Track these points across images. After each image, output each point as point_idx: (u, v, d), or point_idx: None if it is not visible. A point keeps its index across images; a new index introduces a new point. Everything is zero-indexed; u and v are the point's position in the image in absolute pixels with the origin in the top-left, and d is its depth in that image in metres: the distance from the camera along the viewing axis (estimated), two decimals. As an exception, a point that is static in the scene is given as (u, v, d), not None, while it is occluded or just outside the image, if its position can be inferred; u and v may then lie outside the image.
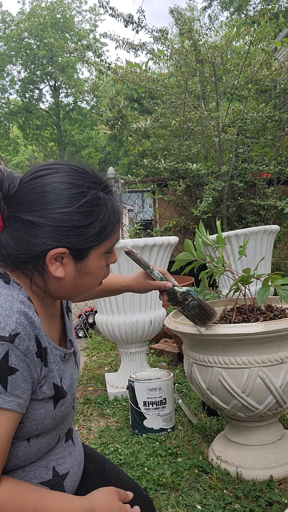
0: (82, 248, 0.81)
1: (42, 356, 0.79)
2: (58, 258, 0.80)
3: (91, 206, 0.80)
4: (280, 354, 1.49)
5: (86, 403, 2.46)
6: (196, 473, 1.66)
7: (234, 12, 18.00)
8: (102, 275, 0.89)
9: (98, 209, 0.81)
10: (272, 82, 4.74)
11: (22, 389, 0.74)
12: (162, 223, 5.13)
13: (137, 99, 13.37)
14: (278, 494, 1.50)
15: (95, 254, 0.83)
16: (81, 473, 0.97)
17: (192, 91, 4.98)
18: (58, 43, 5.40)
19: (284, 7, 11.14)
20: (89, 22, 25.37)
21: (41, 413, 0.80)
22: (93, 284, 0.88)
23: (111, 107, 4.86)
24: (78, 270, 0.83)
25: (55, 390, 0.83)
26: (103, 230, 0.82)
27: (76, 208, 0.78)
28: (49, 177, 0.79)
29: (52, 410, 0.83)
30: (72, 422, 0.98)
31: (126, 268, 2.35)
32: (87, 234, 0.80)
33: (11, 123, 24.13)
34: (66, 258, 0.81)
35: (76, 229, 0.79)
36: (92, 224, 0.80)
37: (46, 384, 0.81)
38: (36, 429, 0.80)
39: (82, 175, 0.82)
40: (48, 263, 0.79)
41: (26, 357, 0.75)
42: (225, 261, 1.68)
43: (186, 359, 1.72)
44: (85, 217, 0.79)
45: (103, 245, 0.84)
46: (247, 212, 4.59)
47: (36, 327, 0.77)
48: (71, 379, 0.91)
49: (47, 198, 0.78)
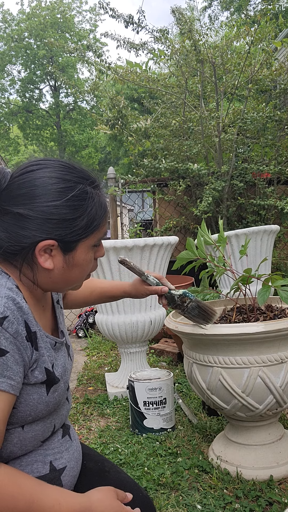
0: (70, 241, 0.84)
1: (32, 340, 0.81)
2: (47, 250, 0.83)
3: (79, 200, 0.84)
4: (280, 354, 1.49)
5: (86, 403, 2.46)
6: (196, 473, 1.66)
7: (234, 12, 18.00)
8: (90, 268, 0.92)
9: (86, 203, 0.85)
10: (272, 82, 4.74)
11: (13, 371, 0.76)
12: (162, 223, 5.13)
13: (137, 99, 13.36)
14: (278, 494, 1.50)
15: (83, 246, 0.87)
16: (79, 469, 0.97)
17: (192, 91, 4.98)
18: (58, 43, 5.40)
19: (284, 7, 11.14)
20: (89, 22, 25.36)
21: (34, 398, 0.82)
22: (81, 276, 0.91)
23: (111, 107, 4.86)
24: (67, 262, 0.86)
25: (47, 375, 0.85)
26: (90, 223, 0.86)
27: (64, 202, 0.82)
28: (39, 172, 0.83)
29: (45, 396, 0.84)
30: (68, 416, 0.99)
31: (126, 268, 2.35)
32: (75, 227, 0.84)
33: (11, 123, 24.12)
34: (55, 250, 0.84)
35: (64, 222, 0.82)
36: (80, 217, 0.84)
37: (37, 369, 0.83)
38: (30, 414, 0.82)
39: (70, 171, 0.85)
40: (38, 255, 0.83)
41: (16, 340, 0.77)
42: (226, 261, 1.68)
43: (186, 359, 1.72)
44: (72, 210, 0.83)
45: (90, 238, 0.87)
46: (247, 212, 4.59)
47: (24, 312, 0.79)
48: (63, 368, 0.92)
49: (36, 192, 0.81)
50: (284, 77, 4.60)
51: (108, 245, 2.31)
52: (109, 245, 2.30)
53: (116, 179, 4.98)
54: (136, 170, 4.88)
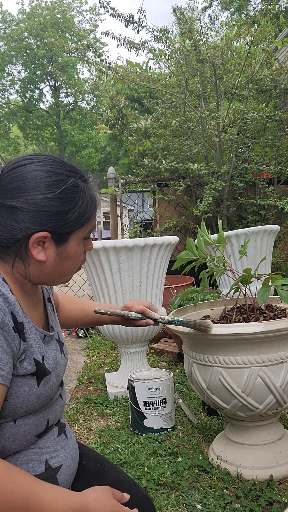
0: (63, 232, 0.87)
1: (19, 331, 0.82)
2: (40, 242, 0.85)
3: (71, 192, 0.86)
4: (280, 354, 1.49)
5: (86, 403, 2.46)
6: (196, 473, 1.66)
7: (234, 12, 18.01)
8: (81, 260, 0.95)
9: (77, 195, 0.87)
10: (273, 82, 4.74)
11: (2, 361, 0.77)
12: (162, 223, 5.13)
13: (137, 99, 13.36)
14: (278, 494, 1.50)
15: (74, 239, 0.89)
16: (76, 467, 0.97)
17: (192, 90, 4.98)
18: (58, 43, 5.40)
19: (285, 7, 11.14)
20: (89, 22, 25.37)
21: (24, 390, 0.82)
22: (72, 268, 0.93)
23: (111, 106, 4.86)
24: (59, 254, 0.88)
25: (36, 366, 0.85)
26: (82, 216, 0.88)
27: (57, 194, 0.84)
28: (31, 166, 0.85)
29: (36, 388, 0.84)
30: (62, 413, 0.99)
31: (126, 268, 2.36)
32: (67, 219, 0.86)
33: (11, 123, 24.12)
34: (48, 242, 0.86)
35: (57, 214, 0.85)
36: (72, 209, 0.86)
37: (26, 360, 0.83)
38: (21, 407, 0.82)
39: (61, 165, 0.88)
40: (31, 247, 0.84)
41: (2, 330, 0.77)
42: (225, 261, 1.68)
43: (186, 358, 1.72)
44: (65, 203, 0.85)
45: (82, 230, 0.90)
46: (247, 212, 4.58)
47: (10, 303, 0.80)
48: (55, 361, 0.93)
49: (29, 185, 0.83)
50: (284, 77, 4.60)
51: (108, 245, 2.31)
52: (109, 245, 2.30)
53: (116, 179, 4.98)
54: (136, 170, 4.88)
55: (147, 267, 2.40)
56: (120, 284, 2.39)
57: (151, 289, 2.48)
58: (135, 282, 2.39)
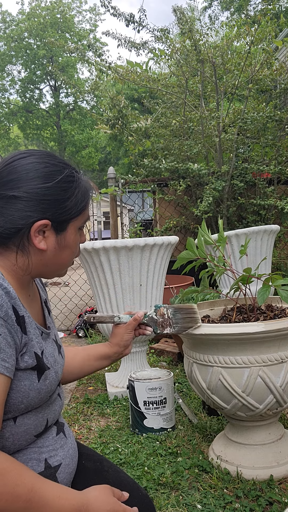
0: (62, 220, 0.90)
1: (20, 324, 0.83)
2: (40, 231, 0.88)
3: (68, 182, 0.90)
4: (280, 354, 1.49)
5: (86, 403, 2.46)
6: (196, 473, 1.66)
7: (234, 12, 18.01)
8: (78, 250, 0.99)
9: (73, 185, 0.92)
10: (273, 82, 4.74)
11: (6, 353, 0.77)
12: (162, 223, 5.13)
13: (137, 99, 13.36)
14: (278, 494, 1.50)
15: (72, 227, 0.93)
16: (75, 466, 0.97)
17: (192, 90, 4.98)
18: (58, 43, 5.40)
19: (285, 7, 11.14)
20: (89, 22, 25.38)
21: (25, 384, 0.83)
22: (70, 258, 0.96)
23: (112, 106, 4.86)
24: (58, 243, 0.91)
25: (36, 360, 0.86)
26: (78, 204, 0.93)
27: (55, 184, 0.88)
28: (28, 159, 0.89)
29: (37, 383, 0.85)
30: (61, 413, 0.99)
31: (126, 268, 2.36)
32: (66, 207, 0.90)
33: (12, 123, 24.13)
34: (48, 231, 0.89)
35: (56, 202, 0.88)
36: (70, 198, 0.90)
37: (27, 353, 0.84)
38: (22, 402, 0.82)
39: (55, 157, 0.93)
40: (33, 236, 0.87)
41: (6, 323, 0.78)
42: (226, 261, 1.68)
43: (186, 358, 1.72)
44: (63, 191, 0.89)
45: (78, 218, 0.94)
46: (247, 212, 4.58)
47: (11, 297, 0.81)
48: (53, 358, 0.94)
49: (29, 175, 0.87)
50: (284, 77, 4.60)
51: (108, 245, 2.31)
52: (109, 245, 2.30)
53: (116, 179, 4.98)
54: (136, 170, 4.88)
55: (147, 267, 2.40)
56: (120, 284, 2.39)
57: (151, 289, 2.48)
58: (135, 282, 2.39)
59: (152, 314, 1.26)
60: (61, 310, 5.28)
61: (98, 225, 5.05)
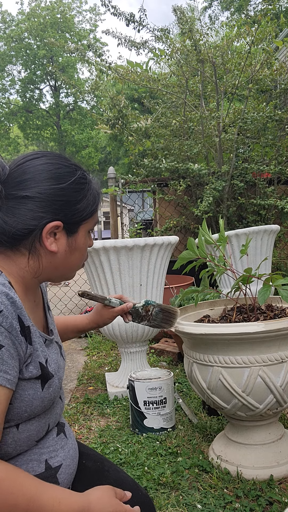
0: (74, 222, 0.90)
1: (26, 335, 0.82)
2: (52, 233, 0.88)
3: (80, 184, 0.90)
4: (280, 354, 1.48)
5: (86, 403, 2.46)
6: (197, 473, 1.66)
7: (235, 13, 18.01)
8: (86, 254, 0.98)
9: (86, 187, 0.92)
10: (273, 82, 4.74)
11: (9, 365, 0.76)
12: (162, 223, 5.12)
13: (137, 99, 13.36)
14: (278, 494, 1.50)
15: (83, 230, 0.93)
16: (75, 466, 0.97)
17: (192, 90, 4.98)
18: (59, 43, 5.40)
19: (285, 7, 11.14)
20: (89, 22, 25.37)
21: (29, 394, 0.82)
22: (80, 261, 0.96)
23: (112, 106, 4.86)
24: (69, 245, 0.91)
25: (41, 369, 0.85)
26: (90, 206, 0.92)
27: (68, 185, 0.88)
28: (40, 159, 0.89)
29: (40, 391, 0.84)
30: (61, 414, 0.99)
31: (126, 268, 2.36)
32: (78, 208, 0.90)
33: (12, 123, 24.12)
34: (59, 233, 0.89)
35: (69, 204, 0.88)
36: (82, 200, 0.90)
37: (32, 363, 0.83)
38: (26, 410, 0.82)
39: (66, 159, 0.92)
40: (45, 238, 0.86)
41: (10, 334, 0.77)
42: (226, 260, 1.68)
43: (186, 358, 1.72)
44: (76, 193, 0.89)
45: (89, 221, 0.94)
46: (247, 211, 4.58)
47: (17, 307, 0.80)
48: (57, 364, 0.93)
49: (42, 176, 0.86)
50: (284, 77, 4.60)
51: (108, 245, 2.31)
52: (109, 244, 2.30)
53: (116, 179, 4.98)
54: (136, 170, 4.88)
55: (147, 267, 2.40)
56: (120, 284, 2.39)
57: (151, 289, 2.48)
58: (135, 281, 2.39)
59: (139, 307, 1.28)
60: (61, 310, 5.28)
61: (98, 225, 5.06)
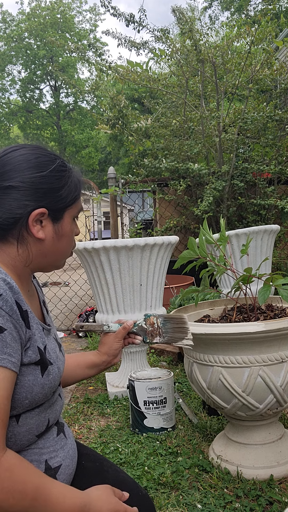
0: (58, 208, 0.92)
1: (24, 319, 0.83)
2: (38, 221, 0.90)
3: (61, 171, 0.93)
4: (280, 353, 1.48)
5: (87, 403, 2.46)
6: (197, 472, 1.66)
7: (235, 12, 18.02)
8: (73, 241, 1.00)
9: (66, 174, 0.94)
10: (273, 82, 4.74)
11: (12, 348, 0.78)
12: (162, 223, 5.12)
13: (137, 99, 13.36)
14: (278, 493, 1.50)
15: (67, 216, 0.95)
16: (74, 467, 0.97)
17: (193, 90, 4.98)
18: (59, 43, 5.40)
19: (285, 7, 11.14)
20: (89, 22, 25.39)
21: (29, 379, 0.83)
22: (68, 247, 0.98)
23: (112, 106, 4.86)
24: (56, 232, 0.93)
25: (40, 354, 0.86)
26: (72, 192, 0.95)
27: (49, 172, 0.90)
28: (20, 151, 0.91)
29: (40, 378, 0.85)
30: (61, 412, 0.99)
31: (126, 267, 2.35)
32: (61, 195, 0.92)
33: (12, 123, 24.13)
34: (45, 220, 0.91)
35: (52, 191, 0.91)
36: (64, 186, 0.93)
37: (31, 348, 0.84)
38: (26, 397, 0.82)
39: (45, 149, 0.95)
40: (31, 226, 0.88)
41: (11, 317, 0.79)
42: (226, 260, 1.68)
43: (186, 358, 1.72)
44: (57, 180, 0.92)
45: (73, 207, 0.96)
46: (247, 211, 4.58)
47: (14, 292, 0.82)
48: (55, 354, 0.94)
49: (23, 165, 0.89)
50: (284, 77, 4.60)
51: (108, 245, 2.31)
52: (109, 244, 2.30)
53: (117, 179, 4.98)
54: (136, 170, 4.88)
55: (147, 267, 2.40)
56: (120, 284, 2.39)
57: (151, 289, 2.48)
58: (135, 281, 2.39)
59: (142, 323, 1.22)
60: (61, 310, 5.28)
61: (98, 225, 5.05)
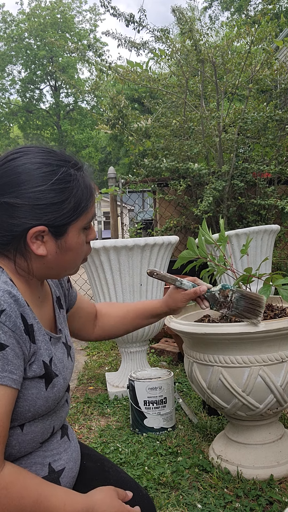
0: (60, 224, 0.84)
1: (29, 333, 0.81)
2: (39, 236, 0.83)
3: (64, 182, 0.83)
4: (280, 353, 1.48)
5: (87, 403, 2.46)
6: (197, 472, 1.66)
7: (235, 13, 18.02)
8: (83, 251, 0.92)
9: (70, 185, 0.84)
10: (273, 82, 4.74)
11: (14, 365, 0.76)
12: (162, 223, 5.12)
13: (137, 99, 13.36)
14: (278, 493, 1.50)
15: (73, 230, 0.87)
16: (78, 469, 0.97)
17: (193, 90, 4.98)
18: (59, 43, 5.40)
19: (285, 7, 11.14)
20: (89, 22, 25.41)
21: (32, 393, 0.81)
22: (75, 259, 0.91)
23: (112, 106, 4.86)
24: (59, 247, 0.86)
25: (45, 368, 0.84)
26: (78, 205, 0.85)
27: (49, 186, 0.82)
28: (20, 159, 0.83)
29: (44, 391, 0.84)
30: (66, 417, 0.98)
31: (126, 267, 2.35)
32: (63, 210, 0.83)
33: (12, 123, 24.15)
34: (46, 236, 0.84)
35: (52, 206, 0.82)
36: (67, 200, 0.84)
37: (35, 362, 0.82)
38: (29, 410, 0.81)
39: (51, 155, 0.85)
40: (30, 243, 0.83)
41: (14, 333, 0.76)
42: (226, 260, 1.68)
43: (186, 358, 1.72)
44: (59, 193, 0.83)
45: (80, 220, 0.87)
46: (247, 211, 4.58)
47: (20, 305, 0.79)
48: (62, 364, 0.91)
49: (20, 179, 0.81)
50: (284, 77, 4.60)
51: (108, 245, 2.31)
52: (109, 244, 2.30)
53: (117, 179, 4.98)
54: (136, 170, 4.88)
55: (147, 267, 2.40)
56: (120, 284, 2.39)
57: (151, 289, 2.48)
58: (136, 281, 2.39)
59: (216, 292, 1.19)
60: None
61: (99, 225, 5.06)
